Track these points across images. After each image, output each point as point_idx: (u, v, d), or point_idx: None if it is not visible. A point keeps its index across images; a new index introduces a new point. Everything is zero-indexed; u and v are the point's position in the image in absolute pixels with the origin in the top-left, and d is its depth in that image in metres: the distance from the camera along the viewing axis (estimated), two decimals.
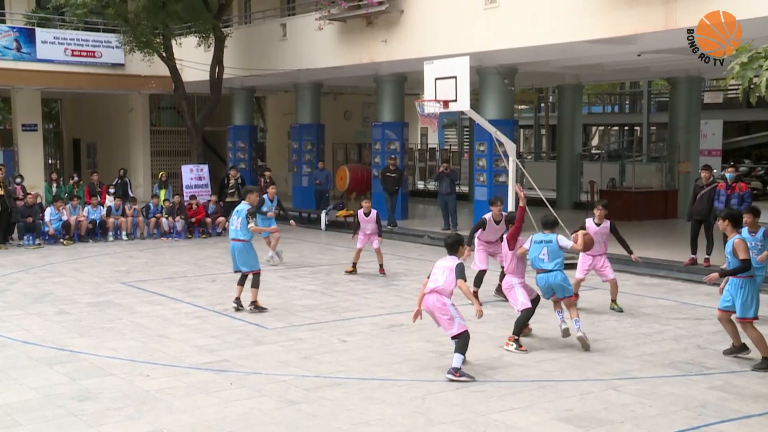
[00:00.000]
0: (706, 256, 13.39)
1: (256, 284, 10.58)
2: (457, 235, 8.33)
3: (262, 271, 10.88)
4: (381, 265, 13.53)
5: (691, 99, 22.29)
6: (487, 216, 11.21)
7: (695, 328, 9.76)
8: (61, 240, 17.49)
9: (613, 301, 10.83)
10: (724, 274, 8.10)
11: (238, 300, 10.64)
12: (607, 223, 10.80)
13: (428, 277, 7.91)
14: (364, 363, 8.15)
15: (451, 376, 7.53)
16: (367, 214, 13.45)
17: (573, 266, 14.08)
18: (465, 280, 7.69)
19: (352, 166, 24.91)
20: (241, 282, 10.66)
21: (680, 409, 6.74)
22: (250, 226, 10.55)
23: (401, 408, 6.77)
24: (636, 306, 11.05)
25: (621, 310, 10.66)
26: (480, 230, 11.18)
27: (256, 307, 10.55)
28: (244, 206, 10.75)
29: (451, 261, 7.88)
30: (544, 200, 15.21)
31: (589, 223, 10.79)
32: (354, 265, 13.61)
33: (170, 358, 8.33)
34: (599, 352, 8.58)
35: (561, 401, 6.94)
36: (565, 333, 8.80)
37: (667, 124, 24.41)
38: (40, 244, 17.12)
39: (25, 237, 17.16)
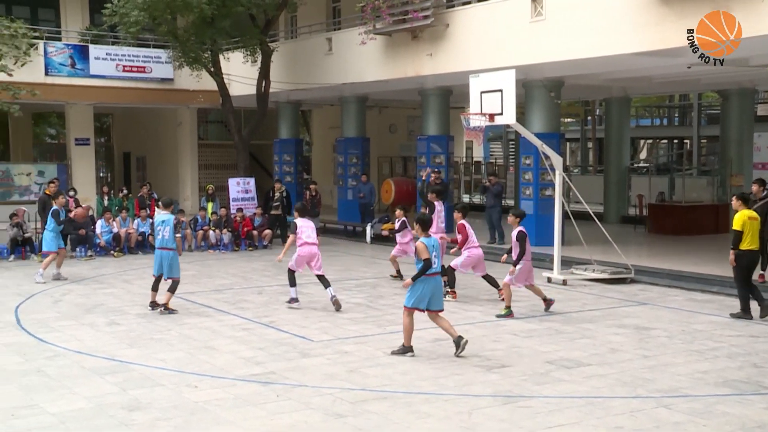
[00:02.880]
0: (761, 272, 13.04)
1: (172, 289, 11.48)
2: (301, 203, 12.21)
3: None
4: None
5: (743, 111, 21.83)
6: None
7: (750, 345, 9.50)
8: (112, 252, 17.84)
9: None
10: (414, 278, 8.80)
11: (154, 303, 11.60)
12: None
13: (294, 233, 11.43)
14: (410, 377, 8.12)
15: (337, 297, 11.46)
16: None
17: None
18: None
19: (397, 179, 24.94)
20: (155, 287, 11.65)
21: (736, 430, 6.56)
22: (177, 236, 11.54)
23: (448, 423, 6.73)
24: (687, 322, 10.82)
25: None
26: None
27: (167, 309, 11.36)
28: (170, 217, 11.58)
29: (311, 222, 11.80)
30: (591, 214, 15.05)
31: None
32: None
33: (217, 369, 8.42)
34: (649, 368, 8.41)
35: (610, 418, 6.82)
36: None
37: (718, 137, 23.95)
38: (91, 255, 17.48)
39: (77, 249, 17.55)
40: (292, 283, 11.71)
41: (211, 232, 19.09)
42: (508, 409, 7.10)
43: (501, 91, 13.19)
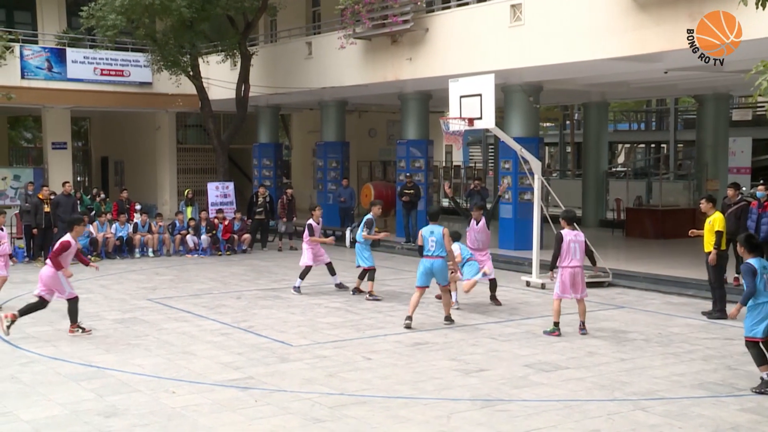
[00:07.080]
0: (735, 275, 13.18)
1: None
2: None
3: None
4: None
5: (718, 116, 22.08)
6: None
7: (725, 348, 9.61)
8: (89, 257, 17.66)
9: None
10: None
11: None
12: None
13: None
14: (389, 381, 8.12)
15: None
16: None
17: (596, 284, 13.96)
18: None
19: (376, 183, 24.95)
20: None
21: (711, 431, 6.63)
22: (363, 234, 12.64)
23: (426, 427, 6.73)
24: (664, 325, 10.91)
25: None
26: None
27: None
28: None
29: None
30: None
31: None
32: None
33: (195, 375, 8.37)
34: (626, 371, 8.48)
35: (588, 421, 6.86)
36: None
37: (694, 142, 24.21)
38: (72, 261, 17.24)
39: None
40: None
41: (189, 236, 18.99)
42: (486, 412, 7.11)
43: (480, 95, 13.23)
